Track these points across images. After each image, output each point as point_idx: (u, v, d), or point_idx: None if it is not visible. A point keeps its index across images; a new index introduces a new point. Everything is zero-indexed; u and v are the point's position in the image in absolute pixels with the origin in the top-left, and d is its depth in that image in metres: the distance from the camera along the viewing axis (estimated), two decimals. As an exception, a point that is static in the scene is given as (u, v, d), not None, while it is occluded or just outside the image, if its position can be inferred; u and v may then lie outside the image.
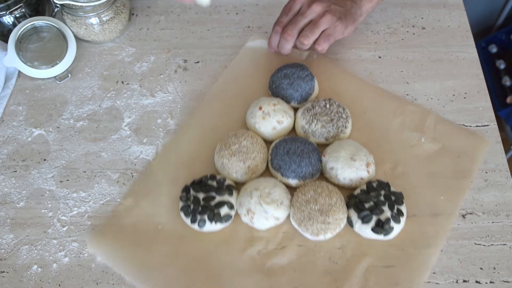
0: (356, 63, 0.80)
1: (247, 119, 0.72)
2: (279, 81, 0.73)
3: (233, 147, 0.66)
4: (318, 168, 0.66)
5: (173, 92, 0.78)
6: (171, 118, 0.75)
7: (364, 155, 0.66)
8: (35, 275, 0.62)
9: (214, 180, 0.65)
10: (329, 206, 0.61)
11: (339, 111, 0.69)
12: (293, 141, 0.66)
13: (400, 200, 0.63)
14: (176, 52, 0.83)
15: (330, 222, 0.60)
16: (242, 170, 0.65)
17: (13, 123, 0.76)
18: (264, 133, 0.70)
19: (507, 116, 1.41)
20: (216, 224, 0.62)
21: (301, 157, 0.65)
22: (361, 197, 0.62)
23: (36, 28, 0.79)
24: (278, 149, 0.66)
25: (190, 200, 0.63)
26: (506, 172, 0.68)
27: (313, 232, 0.60)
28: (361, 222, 0.61)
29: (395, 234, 0.61)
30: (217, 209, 0.62)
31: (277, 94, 0.73)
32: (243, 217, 0.63)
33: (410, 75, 0.79)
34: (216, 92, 0.76)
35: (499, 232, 0.63)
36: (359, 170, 0.64)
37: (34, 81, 0.80)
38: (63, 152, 0.72)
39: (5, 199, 0.68)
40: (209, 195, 0.63)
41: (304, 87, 0.72)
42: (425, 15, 0.86)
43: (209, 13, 0.88)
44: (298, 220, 0.61)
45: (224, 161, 0.66)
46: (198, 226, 0.62)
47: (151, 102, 0.77)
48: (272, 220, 0.62)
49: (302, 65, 0.74)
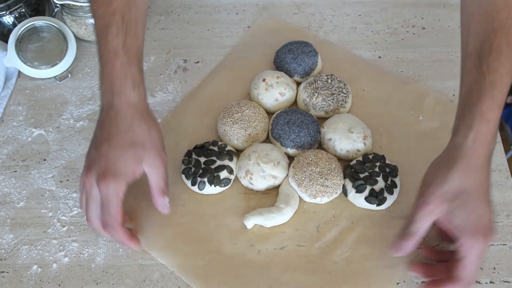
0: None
1: (251, 90, 0.74)
2: (283, 56, 0.75)
3: (235, 115, 0.68)
4: (316, 139, 0.68)
5: (173, 92, 0.78)
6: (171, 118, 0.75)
7: (362, 128, 0.68)
8: (35, 275, 0.62)
9: (216, 145, 0.67)
10: (328, 170, 0.63)
11: (340, 86, 0.71)
12: (293, 112, 0.69)
13: (394, 172, 0.65)
14: (176, 52, 0.83)
15: (328, 186, 0.62)
16: (243, 137, 0.68)
17: (13, 123, 0.76)
18: (266, 104, 0.72)
19: (507, 116, 1.40)
20: (216, 187, 0.64)
21: (301, 127, 0.67)
22: (357, 167, 0.64)
23: (36, 28, 0.79)
24: (279, 119, 0.68)
25: (192, 164, 0.66)
26: (506, 172, 0.68)
27: (311, 193, 0.63)
28: (355, 191, 0.63)
29: (388, 205, 0.63)
30: (217, 172, 0.65)
31: (281, 67, 0.75)
32: (242, 179, 0.65)
33: (410, 75, 0.79)
34: (224, 64, 0.79)
35: (499, 232, 0.63)
36: (356, 142, 0.66)
37: (34, 81, 0.80)
38: (63, 152, 0.72)
39: (5, 199, 0.68)
40: (210, 159, 0.65)
41: (308, 61, 0.74)
42: (425, 15, 0.86)
43: (209, 13, 0.88)
44: (298, 180, 0.63)
45: (226, 128, 0.68)
46: (198, 188, 0.64)
47: (151, 102, 0.77)
48: (270, 179, 0.64)
49: (307, 42, 0.76)
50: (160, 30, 0.86)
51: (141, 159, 0.55)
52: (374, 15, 0.87)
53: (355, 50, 0.82)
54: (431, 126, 0.71)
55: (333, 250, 0.61)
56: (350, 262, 0.61)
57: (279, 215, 0.62)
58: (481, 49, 0.53)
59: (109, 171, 0.53)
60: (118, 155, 0.54)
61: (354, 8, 0.88)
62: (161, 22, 0.87)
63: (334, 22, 0.86)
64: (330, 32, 0.85)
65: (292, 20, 0.86)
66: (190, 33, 0.85)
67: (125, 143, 0.54)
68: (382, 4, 0.88)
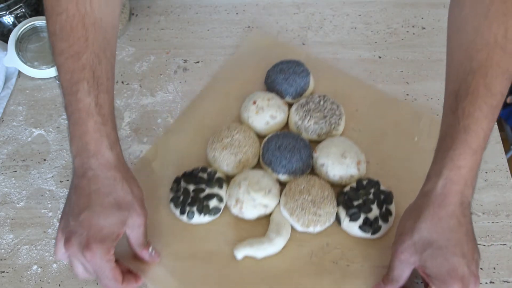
0: (356, 63, 0.80)
1: (241, 112, 0.72)
2: (274, 76, 0.73)
3: (225, 140, 0.66)
4: (308, 164, 0.66)
5: (173, 92, 0.78)
6: (171, 117, 0.75)
7: (355, 152, 0.66)
8: (35, 275, 0.62)
9: (205, 172, 0.65)
10: (321, 198, 0.61)
11: (333, 108, 0.69)
12: (285, 136, 0.67)
13: (389, 199, 0.63)
14: (176, 52, 0.83)
15: (321, 215, 0.61)
16: (233, 163, 0.66)
17: (13, 123, 0.76)
18: (257, 127, 0.70)
19: (507, 116, 1.40)
20: (205, 216, 0.63)
21: (292, 152, 0.65)
22: (351, 195, 0.63)
23: (36, 28, 0.79)
24: (270, 144, 0.67)
25: (180, 192, 0.64)
26: (506, 172, 0.68)
27: (304, 223, 0.61)
28: (349, 219, 0.62)
29: (383, 233, 0.62)
30: (206, 201, 0.63)
31: (272, 88, 0.73)
32: (232, 208, 0.63)
33: (410, 75, 0.79)
34: (213, 85, 0.77)
35: (499, 232, 0.63)
36: (350, 167, 0.65)
37: (34, 81, 0.80)
38: (63, 152, 0.72)
39: (5, 199, 0.68)
40: (199, 187, 0.63)
41: (299, 82, 0.72)
42: (425, 15, 0.86)
43: (209, 13, 0.88)
44: (290, 209, 0.61)
45: (216, 154, 0.66)
46: (187, 217, 0.62)
47: (151, 102, 0.77)
48: (261, 208, 0.62)
49: (299, 62, 0.74)
50: (160, 30, 0.86)
51: (125, 221, 0.52)
52: (374, 15, 0.87)
53: (355, 50, 0.82)
54: (427, 148, 0.67)
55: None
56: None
57: (270, 246, 0.60)
58: (458, 91, 0.51)
59: (94, 239, 0.50)
60: (101, 221, 0.51)
61: (354, 8, 0.88)
62: (161, 22, 0.87)
63: (334, 22, 0.86)
64: (330, 32, 0.85)
65: (292, 20, 0.86)
66: (190, 33, 0.85)
67: (108, 207, 0.51)
68: (382, 4, 0.88)
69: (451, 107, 0.52)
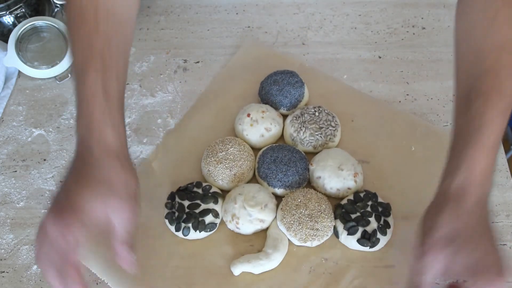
0: (356, 63, 0.80)
1: (235, 125, 0.71)
2: (268, 87, 0.72)
3: (219, 154, 0.65)
4: (305, 177, 0.65)
5: (173, 92, 0.78)
6: (171, 118, 0.75)
7: (352, 164, 0.65)
8: (35, 275, 0.62)
9: (200, 187, 0.64)
10: (318, 212, 0.60)
11: (328, 119, 0.69)
12: (280, 149, 0.66)
13: (387, 212, 0.62)
14: (176, 52, 0.83)
15: (319, 229, 0.60)
16: (229, 177, 0.65)
17: (13, 123, 0.76)
18: (252, 140, 0.69)
19: (507, 116, 1.40)
20: (201, 232, 0.62)
21: (288, 166, 0.64)
22: (348, 208, 0.62)
23: (36, 28, 0.79)
24: (265, 157, 0.65)
25: (175, 208, 0.63)
26: (506, 172, 0.68)
27: (301, 237, 0.60)
28: (347, 233, 0.61)
29: (381, 246, 0.61)
30: (201, 217, 0.61)
31: (267, 100, 0.72)
32: (229, 223, 0.62)
33: (410, 75, 0.79)
34: (206, 97, 0.76)
35: (499, 232, 0.63)
36: (347, 179, 0.64)
37: (34, 81, 0.80)
38: (63, 152, 0.72)
39: (5, 199, 0.68)
40: (194, 202, 0.62)
41: (294, 93, 0.71)
42: (425, 15, 0.86)
43: (209, 13, 0.88)
44: (287, 224, 0.60)
45: (210, 168, 0.65)
46: (183, 234, 0.61)
47: (151, 102, 0.77)
48: (257, 223, 0.61)
49: (293, 72, 0.73)
50: (160, 30, 0.86)
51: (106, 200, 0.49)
52: (374, 15, 0.87)
53: (355, 50, 0.82)
54: (424, 157, 0.68)
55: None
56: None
57: (267, 261, 0.59)
58: (470, 93, 0.51)
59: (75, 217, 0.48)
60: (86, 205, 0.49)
61: (354, 8, 0.88)
62: (161, 22, 0.87)
63: (334, 22, 0.86)
64: (330, 32, 0.85)
65: (292, 20, 0.86)
66: (190, 33, 0.85)
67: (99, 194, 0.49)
68: (382, 4, 0.88)
69: (463, 108, 0.52)
